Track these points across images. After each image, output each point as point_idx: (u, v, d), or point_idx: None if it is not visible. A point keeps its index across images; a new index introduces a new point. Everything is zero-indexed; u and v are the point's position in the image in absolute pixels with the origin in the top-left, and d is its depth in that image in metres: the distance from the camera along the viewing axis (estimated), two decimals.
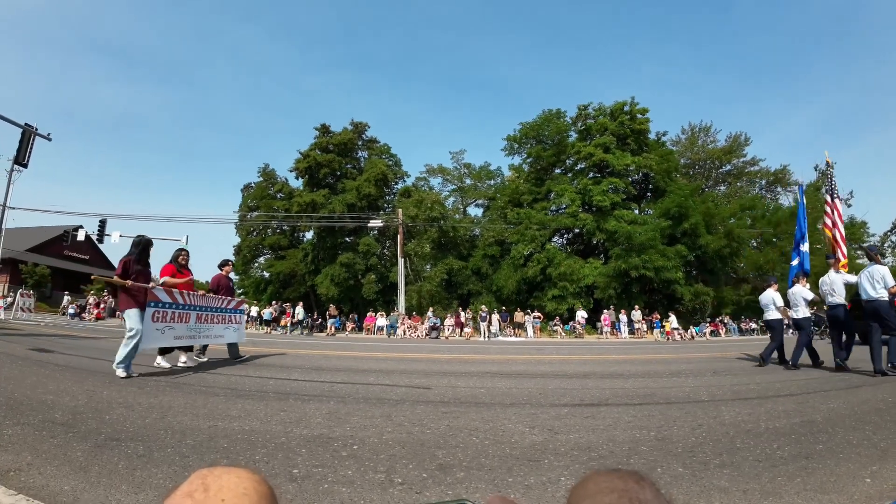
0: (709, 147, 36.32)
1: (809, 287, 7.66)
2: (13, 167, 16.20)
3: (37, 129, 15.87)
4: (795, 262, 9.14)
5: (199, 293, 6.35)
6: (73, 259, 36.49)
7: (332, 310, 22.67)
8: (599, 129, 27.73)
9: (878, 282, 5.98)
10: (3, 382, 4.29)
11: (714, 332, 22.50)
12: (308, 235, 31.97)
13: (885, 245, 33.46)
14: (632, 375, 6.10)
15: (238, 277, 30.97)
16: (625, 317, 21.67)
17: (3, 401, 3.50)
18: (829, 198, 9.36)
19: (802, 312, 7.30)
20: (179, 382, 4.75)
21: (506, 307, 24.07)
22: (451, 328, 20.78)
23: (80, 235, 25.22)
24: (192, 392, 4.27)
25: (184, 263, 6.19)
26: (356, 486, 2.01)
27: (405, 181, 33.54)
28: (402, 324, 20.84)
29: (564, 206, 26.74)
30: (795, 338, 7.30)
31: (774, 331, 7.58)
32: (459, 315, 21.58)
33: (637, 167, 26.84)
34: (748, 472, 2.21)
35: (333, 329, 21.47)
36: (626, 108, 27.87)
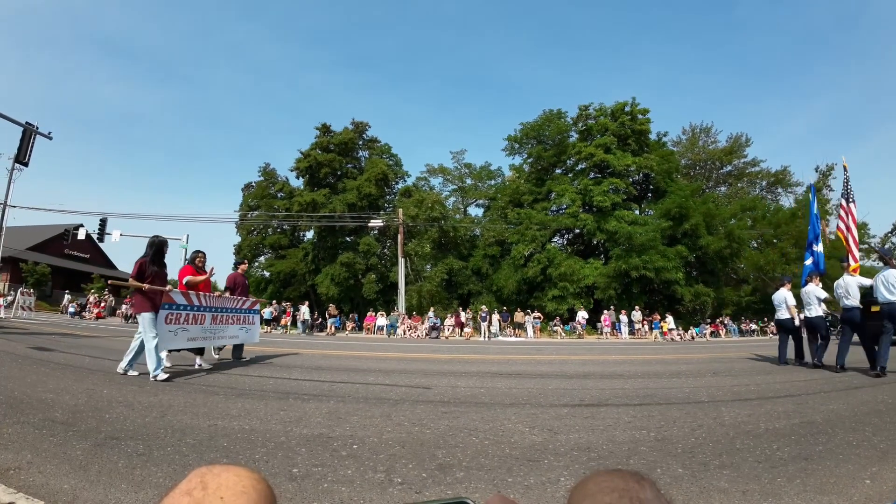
0: (709, 148, 36.29)
1: (822, 287, 7.76)
2: (14, 166, 16.20)
3: (37, 128, 15.88)
4: (809, 262, 9.23)
5: (216, 294, 6.34)
6: (74, 258, 36.51)
7: (332, 309, 22.68)
8: (600, 130, 27.72)
9: (894, 286, 6.32)
10: (4, 381, 4.30)
11: (714, 333, 22.48)
12: (308, 235, 31.98)
13: (873, 246, 33.47)
14: (632, 376, 6.10)
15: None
16: (625, 317, 21.65)
17: (4, 399, 3.50)
18: (845, 202, 9.48)
19: (816, 311, 7.41)
20: (179, 382, 4.75)
21: (506, 307, 24.06)
22: (451, 328, 20.78)
23: (81, 234, 25.25)
24: (192, 391, 4.27)
25: (201, 265, 6.19)
26: (356, 486, 2.01)
27: (406, 181, 33.54)
28: (402, 323, 20.84)
29: (565, 207, 26.73)
30: (804, 339, 7.42)
31: (790, 330, 7.69)
32: (459, 315, 21.58)
33: (638, 168, 26.82)
34: (748, 473, 2.21)
35: (333, 329, 21.47)
36: (627, 109, 27.84)
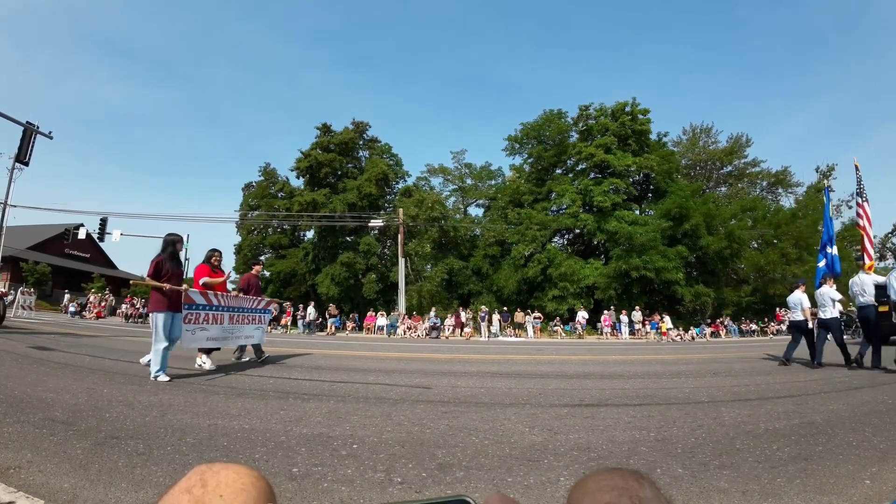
0: (710, 148, 36.28)
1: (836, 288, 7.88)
2: (14, 165, 16.22)
3: (38, 127, 15.89)
4: (822, 264, 9.33)
5: (232, 294, 6.33)
6: (74, 257, 36.51)
7: (333, 309, 22.69)
8: (600, 130, 27.71)
9: None
10: (4, 380, 4.30)
11: (714, 334, 22.48)
12: (309, 235, 31.99)
13: (886, 246, 33.46)
14: (632, 376, 6.10)
15: (239, 277, 30.97)
16: (625, 317, 21.66)
17: (4, 398, 3.50)
18: (861, 200, 9.61)
19: (830, 312, 7.50)
20: (179, 381, 4.75)
21: (506, 307, 24.06)
22: (451, 328, 20.78)
23: (81, 234, 25.29)
24: (192, 390, 4.27)
25: (217, 264, 6.18)
26: (356, 485, 2.01)
27: (406, 181, 33.52)
28: (403, 323, 20.85)
29: (565, 207, 26.73)
30: (814, 338, 7.51)
31: (805, 331, 7.79)
32: (459, 315, 21.58)
33: (638, 168, 26.81)
34: (748, 473, 2.21)
35: (333, 328, 21.49)
36: (628, 109, 27.84)
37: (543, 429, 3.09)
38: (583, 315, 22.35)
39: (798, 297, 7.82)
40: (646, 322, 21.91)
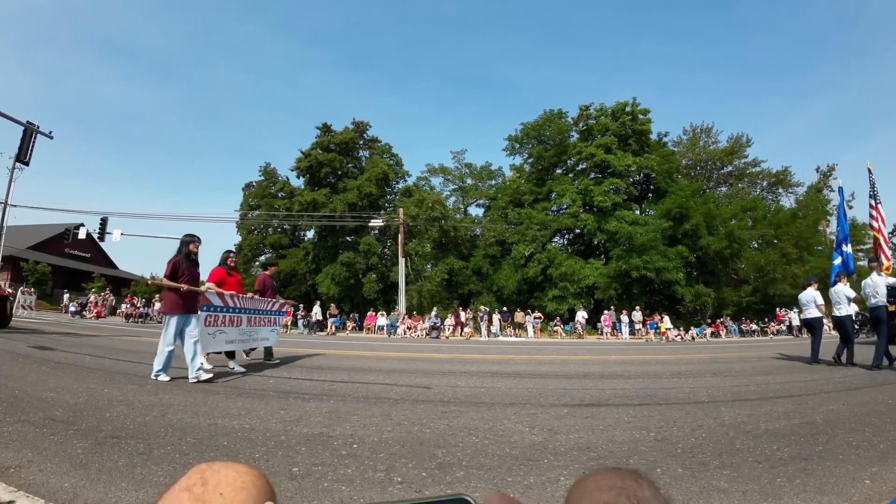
0: (710, 148, 36.24)
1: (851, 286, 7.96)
2: (15, 165, 16.23)
3: (38, 127, 15.91)
4: (838, 262, 9.44)
5: (248, 295, 6.25)
6: (74, 257, 36.51)
7: (333, 309, 22.70)
8: (601, 130, 27.70)
9: None
10: (4, 380, 4.31)
11: (715, 334, 22.47)
12: (309, 234, 31.98)
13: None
14: (632, 376, 6.10)
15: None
16: (625, 317, 21.65)
17: (4, 398, 3.51)
18: (874, 202, 9.66)
19: (845, 310, 7.56)
20: (180, 381, 4.75)
21: (506, 307, 24.05)
22: (451, 328, 20.78)
23: (82, 233, 25.28)
24: (193, 390, 4.28)
25: (233, 265, 6.12)
26: (356, 485, 2.01)
27: (406, 181, 33.51)
28: (403, 323, 20.85)
29: (565, 207, 26.72)
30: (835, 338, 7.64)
31: (816, 329, 7.88)
32: (459, 315, 21.59)
33: (638, 168, 26.80)
34: (748, 473, 2.21)
35: (334, 328, 21.49)
36: (628, 109, 27.82)
37: (543, 428, 3.09)
38: (582, 315, 22.33)
39: (811, 295, 7.91)
40: (646, 322, 21.91)
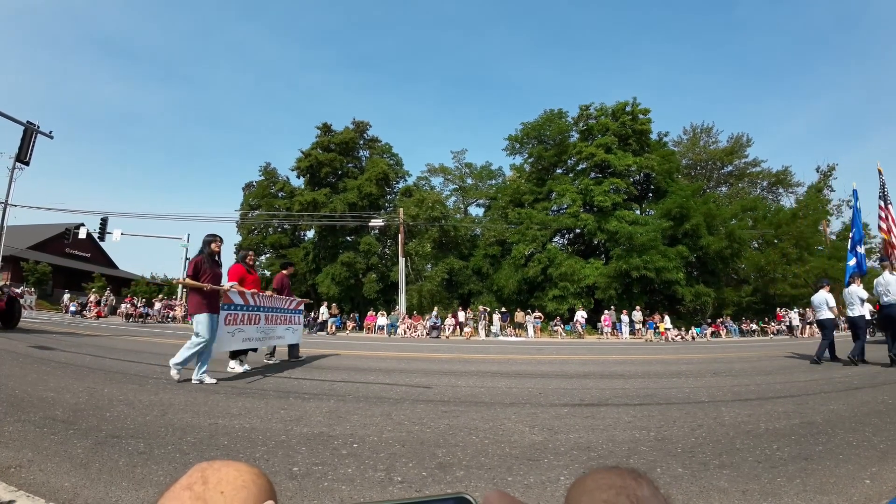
0: (710, 148, 36.22)
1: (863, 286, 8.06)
2: (15, 165, 16.23)
3: (38, 127, 15.90)
4: (852, 263, 9.47)
5: (266, 294, 6.28)
6: (75, 257, 36.54)
7: (333, 308, 22.71)
8: (601, 130, 27.68)
9: None
10: (5, 379, 4.31)
11: (715, 334, 22.46)
12: (309, 234, 31.98)
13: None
14: (632, 376, 6.10)
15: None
16: (625, 317, 21.64)
17: (5, 398, 3.51)
18: (884, 203, 9.70)
19: (858, 311, 7.66)
20: (180, 381, 4.75)
21: (506, 307, 24.05)
22: (452, 328, 20.79)
23: (82, 233, 25.34)
24: (193, 390, 4.28)
25: (252, 263, 6.16)
26: (356, 485, 2.01)
27: (406, 181, 33.51)
28: (403, 323, 20.86)
29: (565, 207, 26.70)
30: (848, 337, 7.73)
31: (827, 329, 7.91)
32: (457, 314, 21.60)
33: (638, 167, 26.77)
34: (748, 473, 2.21)
35: (334, 328, 21.49)
36: (628, 109, 27.78)
37: (543, 428, 3.09)
38: (583, 315, 22.31)
39: (823, 297, 7.99)
40: (645, 322, 21.91)
